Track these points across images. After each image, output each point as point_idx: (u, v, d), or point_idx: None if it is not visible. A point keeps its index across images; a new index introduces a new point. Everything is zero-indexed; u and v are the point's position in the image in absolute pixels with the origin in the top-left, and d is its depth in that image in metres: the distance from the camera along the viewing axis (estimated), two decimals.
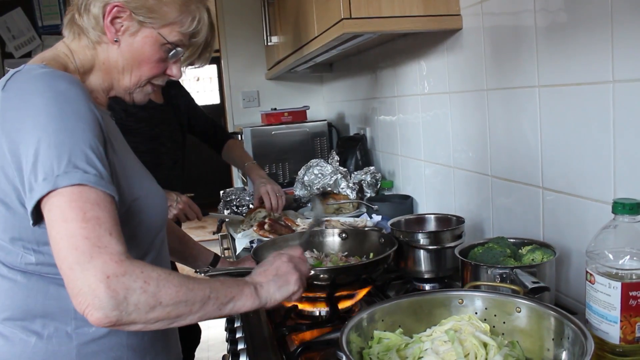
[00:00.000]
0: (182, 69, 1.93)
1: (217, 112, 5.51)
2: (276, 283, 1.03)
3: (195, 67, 1.98)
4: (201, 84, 7.96)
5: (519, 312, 0.93)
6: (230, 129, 3.62)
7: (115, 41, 1.06)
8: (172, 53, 1.11)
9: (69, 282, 0.83)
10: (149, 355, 1.08)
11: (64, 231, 0.84)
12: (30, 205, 0.87)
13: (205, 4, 1.14)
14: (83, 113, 0.92)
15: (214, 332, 3.62)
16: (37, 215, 0.89)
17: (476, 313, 0.96)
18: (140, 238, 1.06)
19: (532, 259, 1.18)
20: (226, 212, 2.42)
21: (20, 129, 0.90)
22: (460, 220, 1.48)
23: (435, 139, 1.89)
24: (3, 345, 0.99)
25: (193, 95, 2.36)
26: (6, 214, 0.95)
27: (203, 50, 1.92)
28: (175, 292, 0.86)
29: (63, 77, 0.95)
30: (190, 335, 2.22)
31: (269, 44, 2.89)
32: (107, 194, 0.88)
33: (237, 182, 3.68)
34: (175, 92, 2.18)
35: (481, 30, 1.50)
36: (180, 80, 2.03)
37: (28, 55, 3.54)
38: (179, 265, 1.98)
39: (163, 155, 2.00)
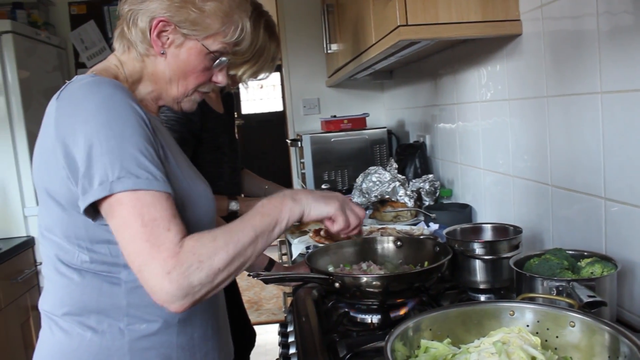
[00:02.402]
0: (245, 79, 1.96)
1: (280, 119, 5.59)
2: (316, 201, 1.13)
3: (259, 80, 2.05)
4: (265, 92, 8.10)
5: (573, 326, 0.90)
6: (290, 136, 3.67)
7: (162, 53, 1.10)
8: (216, 62, 1.15)
9: (142, 283, 0.93)
10: (199, 353, 1.13)
11: (127, 236, 0.93)
12: (83, 205, 0.95)
13: (248, 12, 1.18)
14: (129, 116, 0.97)
15: (272, 337, 3.66)
16: (93, 213, 0.97)
17: (527, 326, 0.94)
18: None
19: (591, 272, 1.14)
20: None
21: (72, 135, 0.96)
22: (517, 230, 1.44)
23: (495, 147, 1.86)
24: (63, 338, 1.06)
25: (257, 102, 2.41)
26: (62, 214, 1.02)
27: (266, 63, 1.97)
28: (227, 255, 0.96)
29: (107, 82, 1.01)
30: (245, 338, 2.25)
31: (329, 51, 2.91)
32: (162, 192, 0.95)
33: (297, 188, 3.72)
34: (232, 102, 2.24)
35: (541, 35, 1.47)
36: (244, 88, 2.10)
37: None
38: None
39: (224, 165, 2.05)
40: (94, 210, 0.97)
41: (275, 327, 2.88)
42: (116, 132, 0.95)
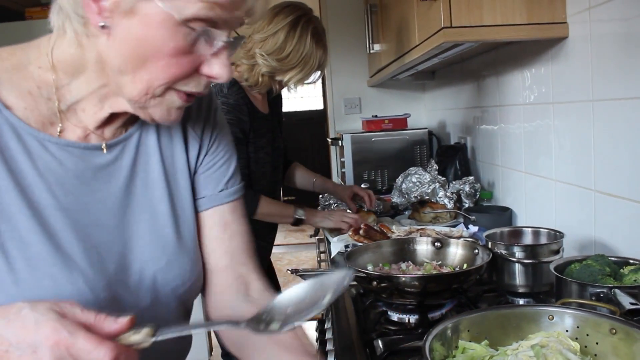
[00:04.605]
0: (292, 86, 1.90)
1: (320, 117, 5.62)
2: None
3: (307, 83, 2.06)
4: (305, 90, 8.14)
5: (614, 333, 0.89)
6: (331, 135, 3.69)
7: (103, 27, 0.69)
8: (199, 38, 0.71)
9: None
10: None
11: None
12: None
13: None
14: None
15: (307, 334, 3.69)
16: None
17: (567, 331, 0.93)
18: None
19: (634, 280, 1.12)
20: None
21: None
22: (559, 235, 1.43)
23: (537, 151, 1.84)
24: None
25: (297, 100, 2.45)
26: None
27: (313, 70, 1.95)
28: None
29: None
30: None
31: (372, 51, 2.92)
32: None
33: None
34: (279, 102, 2.27)
35: (588, 38, 1.45)
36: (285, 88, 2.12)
37: None
38: None
39: (267, 165, 2.08)
40: None
41: (311, 325, 2.90)
42: None
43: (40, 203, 0.75)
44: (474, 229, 1.93)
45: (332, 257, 1.93)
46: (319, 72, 2.03)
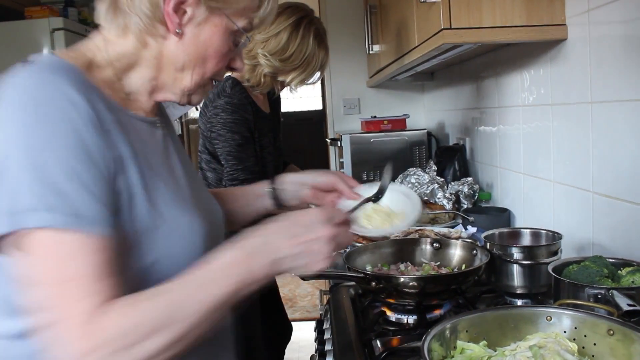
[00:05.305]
0: (293, 86, 1.93)
1: (319, 118, 5.63)
2: (302, 259, 0.85)
3: (308, 84, 2.07)
4: (304, 90, 8.14)
5: (612, 334, 0.90)
6: (330, 135, 3.69)
7: (178, 33, 0.87)
8: (242, 41, 0.96)
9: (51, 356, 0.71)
10: None
11: (30, 295, 0.72)
12: None
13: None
14: (64, 119, 0.73)
15: (305, 334, 3.70)
16: None
17: (565, 332, 0.94)
18: (158, 271, 0.84)
19: (632, 281, 1.13)
20: None
21: None
22: (557, 236, 1.43)
23: (536, 152, 1.84)
24: None
25: (295, 100, 2.45)
26: None
27: (315, 71, 1.97)
28: (164, 338, 0.72)
29: (48, 67, 0.78)
30: (281, 331, 2.29)
31: (371, 52, 2.93)
32: (91, 237, 0.73)
33: None
34: (279, 102, 2.27)
35: (587, 40, 1.45)
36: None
37: None
38: None
39: (268, 164, 2.09)
40: None
41: (309, 325, 2.91)
42: (38, 142, 0.71)
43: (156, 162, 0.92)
44: (472, 229, 1.94)
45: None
46: (321, 73, 2.04)
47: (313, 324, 1.68)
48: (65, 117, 0.74)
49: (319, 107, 7.73)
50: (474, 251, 1.48)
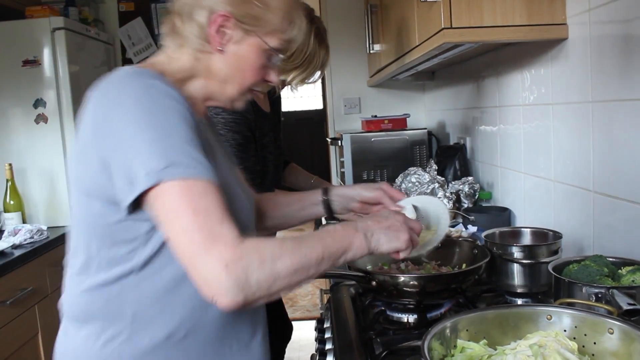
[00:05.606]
0: (295, 85, 1.97)
1: (320, 117, 5.63)
2: (387, 235, 1.09)
3: (308, 83, 2.07)
4: (305, 90, 8.14)
5: (612, 333, 0.90)
6: (331, 135, 3.69)
7: (220, 50, 1.05)
8: (274, 59, 1.11)
9: (193, 274, 0.87)
10: None
11: (178, 228, 0.87)
12: (129, 199, 0.90)
13: (303, 8, 1.15)
14: (173, 105, 0.93)
15: (305, 333, 3.70)
16: (131, 208, 0.92)
17: (565, 331, 0.94)
18: None
19: (632, 280, 1.13)
20: None
21: (110, 126, 0.92)
22: (557, 236, 1.43)
23: (536, 151, 1.84)
24: (66, 342, 1.06)
25: (296, 100, 2.45)
26: (89, 211, 0.98)
27: (316, 70, 1.99)
28: (291, 263, 0.90)
29: (148, 73, 0.97)
30: (282, 330, 2.29)
31: (372, 51, 2.92)
32: (211, 182, 0.91)
33: None
34: (279, 101, 2.27)
35: (588, 39, 1.45)
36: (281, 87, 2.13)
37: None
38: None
39: (269, 163, 2.09)
40: (133, 205, 0.93)
41: (310, 324, 2.91)
42: (159, 121, 0.91)
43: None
44: (472, 229, 1.94)
45: None
46: (322, 72, 2.04)
47: (313, 323, 1.68)
48: (172, 104, 0.93)
49: (320, 106, 7.74)
50: (475, 250, 1.49)
